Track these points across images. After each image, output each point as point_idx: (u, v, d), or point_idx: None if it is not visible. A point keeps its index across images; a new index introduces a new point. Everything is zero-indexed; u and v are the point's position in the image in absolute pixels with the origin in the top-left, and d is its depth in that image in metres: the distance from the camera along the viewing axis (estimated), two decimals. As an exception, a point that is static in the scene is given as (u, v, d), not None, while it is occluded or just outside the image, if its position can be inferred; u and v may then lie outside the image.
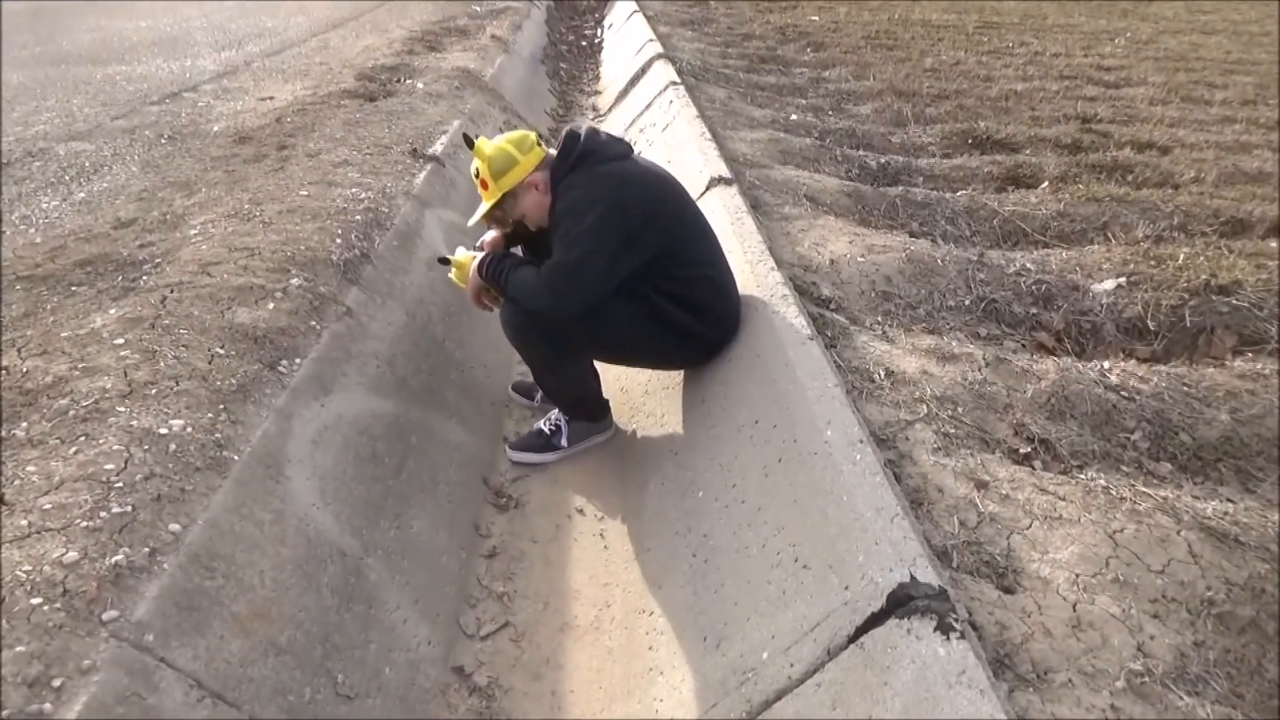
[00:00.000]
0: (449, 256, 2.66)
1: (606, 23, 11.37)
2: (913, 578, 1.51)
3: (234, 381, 2.13)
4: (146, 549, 1.60)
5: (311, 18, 10.25)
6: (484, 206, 2.50)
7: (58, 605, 1.44)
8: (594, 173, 2.35)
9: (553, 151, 2.48)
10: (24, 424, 1.91)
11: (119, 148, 4.49)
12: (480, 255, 2.57)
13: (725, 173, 3.77)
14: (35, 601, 1.43)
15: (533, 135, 2.50)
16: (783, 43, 8.96)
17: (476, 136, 2.54)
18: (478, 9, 10.29)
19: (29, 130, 4.87)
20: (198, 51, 7.72)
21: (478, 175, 2.45)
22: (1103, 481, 1.98)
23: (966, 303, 3.02)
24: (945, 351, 2.56)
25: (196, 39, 8.48)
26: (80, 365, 2.13)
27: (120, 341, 2.23)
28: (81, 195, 3.71)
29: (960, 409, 2.27)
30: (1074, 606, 1.61)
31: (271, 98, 5.63)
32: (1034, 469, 2.06)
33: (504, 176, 2.43)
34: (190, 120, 5.05)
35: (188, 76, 6.51)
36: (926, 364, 2.47)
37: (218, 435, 1.95)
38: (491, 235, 2.74)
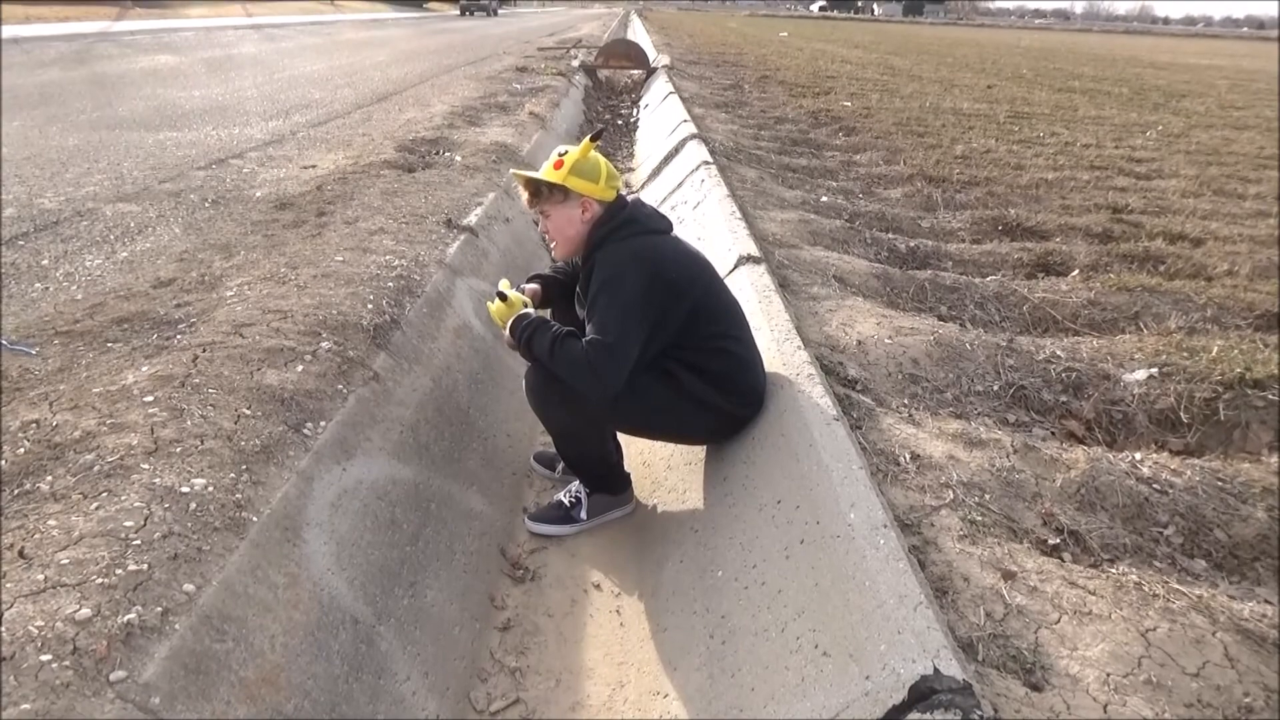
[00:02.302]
0: (506, 292, 2.62)
1: (642, 103, 11.69)
2: (936, 670, 1.47)
3: (258, 442, 2.14)
4: (159, 608, 1.60)
5: (358, 91, 10.65)
6: (540, 174, 2.51)
7: (66, 663, 1.43)
8: (631, 245, 2.40)
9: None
10: (49, 478, 1.93)
11: (164, 210, 4.64)
12: (518, 315, 2.56)
13: (754, 251, 3.81)
14: (45, 658, 1.43)
15: (620, 183, 2.57)
16: (815, 126, 9.16)
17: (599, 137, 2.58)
18: (518, 86, 10.65)
19: (79, 191, 5.05)
20: (247, 120, 8.03)
21: (562, 154, 2.49)
22: (1135, 577, 1.92)
23: (995, 388, 3.00)
24: (973, 437, 2.53)
25: (247, 108, 8.82)
26: (109, 421, 2.16)
27: (150, 399, 2.27)
28: (124, 254, 3.82)
29: (987, 496, 2.23)
30: (1105, 708, 1.55)
31: (314, 166, 5.82)
32: (1063, 561, 2.01)
33: (580, 176, 2.46)
34: (234, 185, 5.22)
35: (235, 144, 6.76)
36: (953, 449, 2.45)
37: (238, 495, 1.96)
38: (532, 286, 2.76)
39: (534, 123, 7.96)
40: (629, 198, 2.58)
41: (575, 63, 14.58)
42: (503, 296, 2.61)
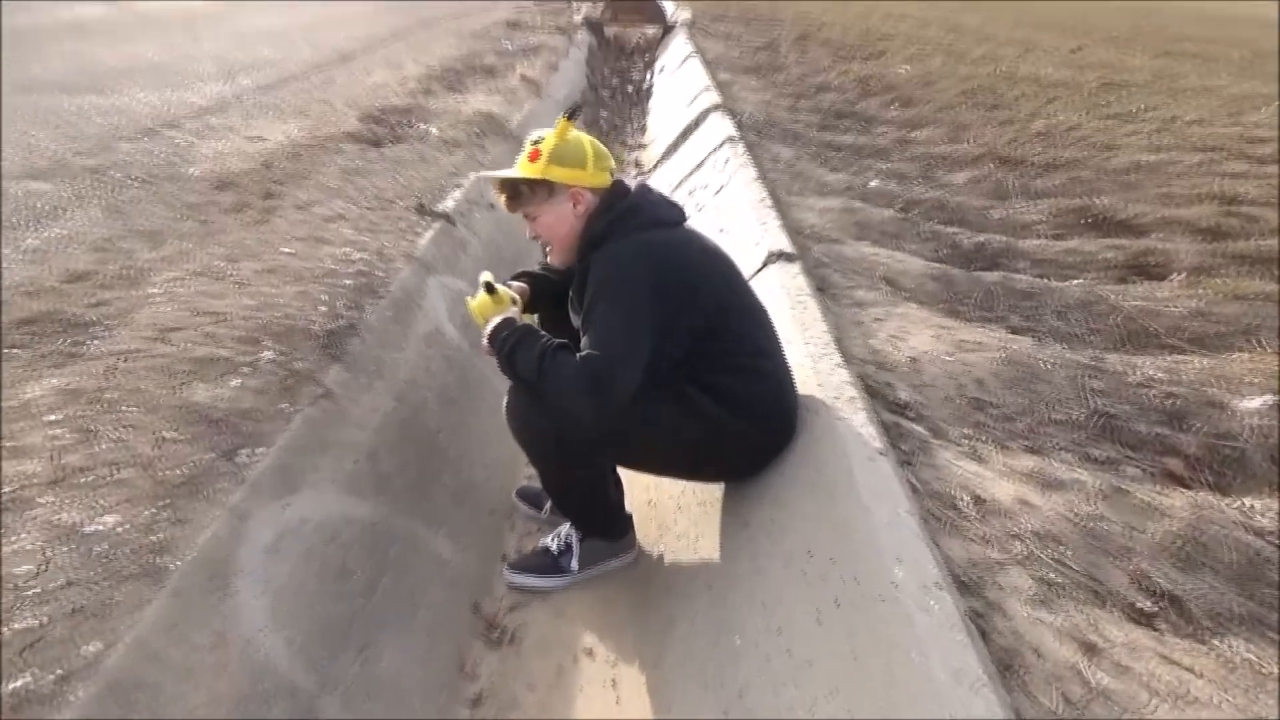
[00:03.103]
0: (495, 284, 2.62)
1: (658, 66, 11.75)
2: (998, 766, 1.44)
3: (182, 472, 2.14)
4: (56, 673, 1.59)
5: (318, 49, 10.71)
6: (513, 171, 2.51)
7: (-60, 739, 1.42)
8: (634, 242, 2.39)
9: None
10: (-70, 511, 1.93)
11: (81, 189, 4.66)
12: (498, 321, 2.54)
13: (787, 246, 3.81)
14: (-86, 732, 1.42)
15: (613, 163, 2.57)
16: (864, 96, 9.16)
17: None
18: (509, 45, 10.70)
19: (-18, 166, 5.09)
20: (184, 83, 8.07)
21: (536, 142, 2.49)
22: (1246, 653, 1.90)
23: (1077, 417, 2.98)
24: (1049, 476, 2.51)
25: (185, 69, 8.88)
26: (4, 444, 2.16)
27: (55, 418, 2.27)
28: (33, 242, 3.83)
29: (1066, 550, 2.21)
30: (1207, 816, 1.52)
31: (262, 138, 5.84)
32: (1158, 632, 1.99)
33: (562, 164, 2.46)
34: (166, 161, 5.25)
35: (169, 111, 6.79)
36: (1025, 491, 2.43)
37: (156, 537, 1.95)
38: (518, 285, 2.76)
39: (527, 89, 8.00)
40: (634, 182, 2.58)
41: (578, 17, 14.67)
42: (490, 289, 2.60)
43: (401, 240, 3.84)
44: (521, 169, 2.50)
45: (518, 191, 2.55)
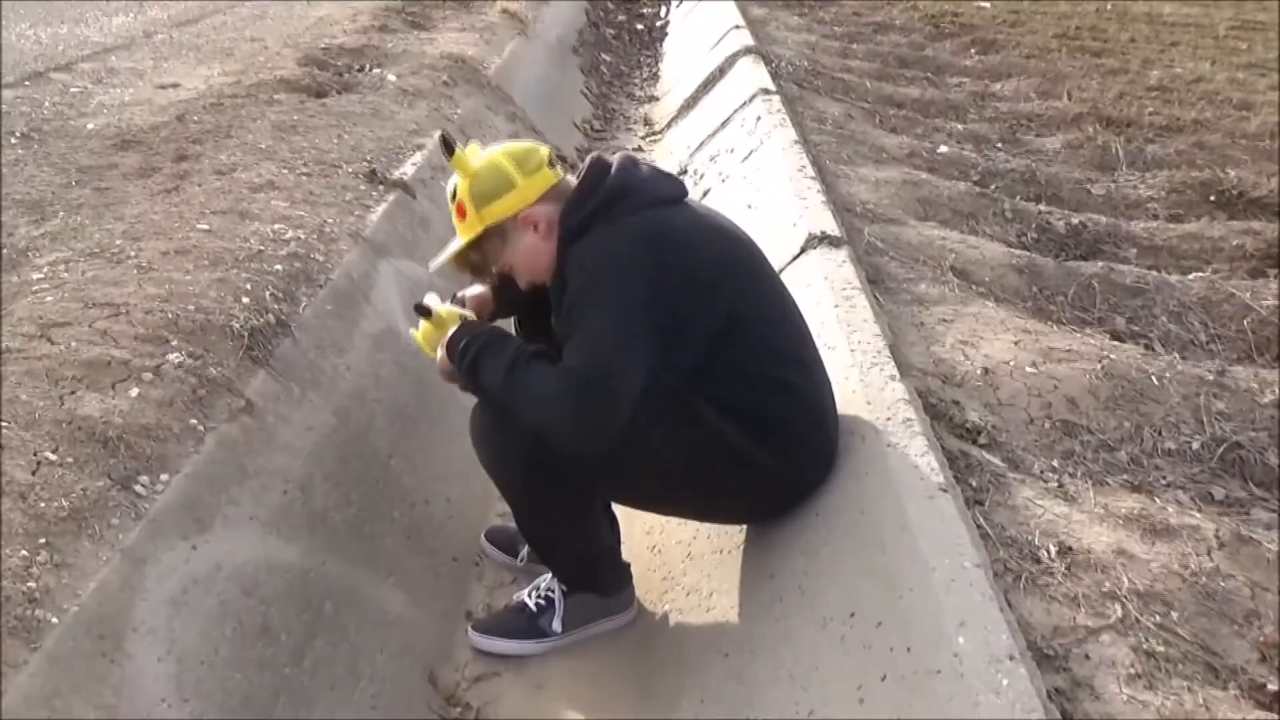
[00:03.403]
0: (430, 306, 2.66)
1: (674, -1, 11.77)
2: None
3: (65, 504, 2.15)
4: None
5: (248, -27, 10.77)
6: (455, 244, 2.54)
7: None
8: (623, 225, 2.37)
9: (571, 180, 2.53)
10: None
11: (-53, 147, 4.70)
12: (455, 328, 2.57)
13: (832, 228, 3.81)
14: None
15: (544, 150, 2.56)
16: (935, 39, 9.17)
17: (461, 142, 2.58)
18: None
19: None
20: (80, 15, 8.13)
21: (455, 197, 2.51)
22: (1399, 747, 1.89)
23: (1195, 446, 2.97)
24: (1157, 521, 2.50)
25: (81, -3, 8.95)
26: None
27: (-94, 433, 2.28)
28: (-118, 214, 3.87)
29: (1176, 615, 2.20)
30: None
31: (176, 85, 5.88)
32: (1290, 718, 1.98)
33: (492, 203, 2.46)
34: (56, 113, 5.29)
35: (61, 50, 6.85)
36: (1126, 539, 2.42)
37: (31, 585, 1.96)
38: (477, 289, 2.77)
39: (509, 25, 8.03)
40: (616, 156, 2.56)
41: (576, -65, 14.69)
42: (425, 312, 2.62)
43: (347, 215, 3.86)
44: (460, 237, 2.53)
45: (476, 260, 2.57)
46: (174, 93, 5.69)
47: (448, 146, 2.50)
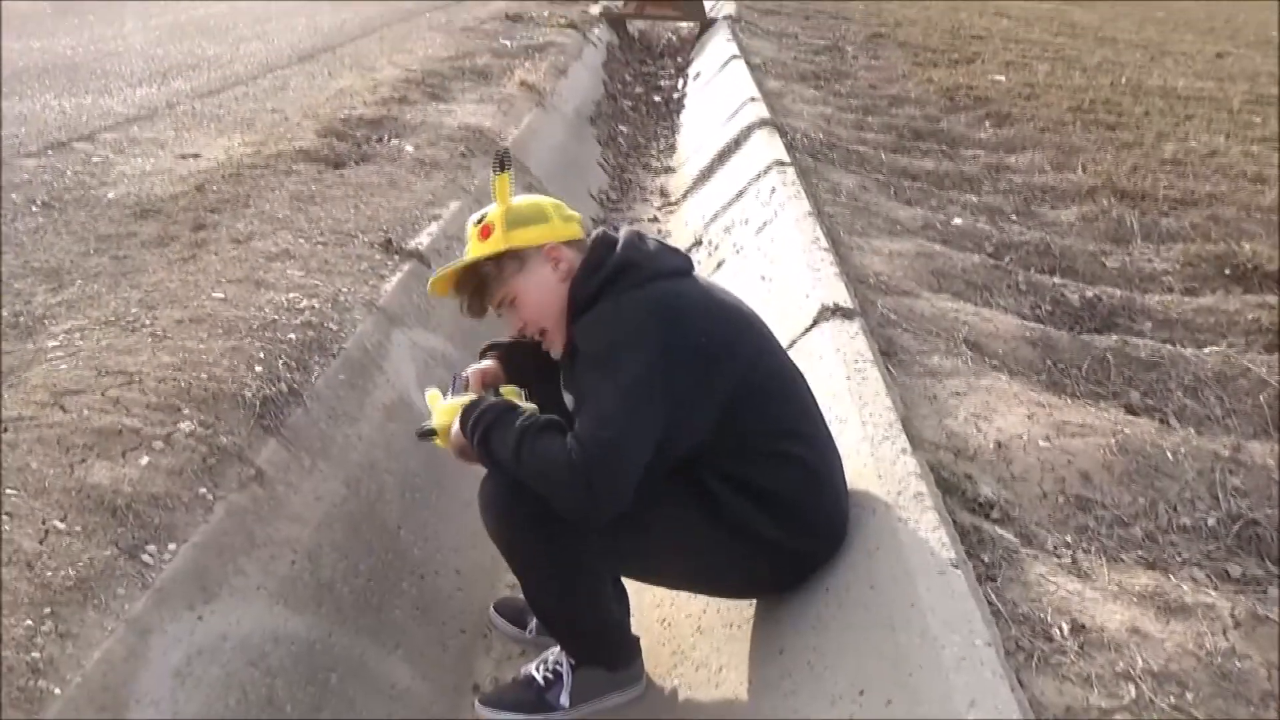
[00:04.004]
0: (433, 428, 2.63)
1: (692, 71, 11.91)
2: None
3: (72, 573, 2.16)
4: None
5: (272, 45, 10.95)
6: (465, 258, 2.54)
7: None
8: (632, 297, 2.40)
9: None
10: None
11: (-30, 216, 4.77)
12: (467, 401, 2.57)
13: (845, 299, 3.83)
14: None
15: (578, 214, 2.61)
16: (949, 111, 9.24)
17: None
18: (507, 43, 10.88)
19: None
20: (105, 85, 8.27)
21: (480, 221, 2.52)
22: None
23: (1210, 523, 2.95)
24: (1172, 599, 2.49)
25: (106, 68, 9.10)
26: None
27: (-84, 501, 2.30)
28: (-96, 281, 3.92)
29: (1191, 696, 2.18)
30: None
31: (196, 155, 5.96)
32: (1308, 804, 1.96)
33: (523, 228, 2.50)
34: (77, 181, 5.36)
35: (84, 120, 6.95)
36: (1140, 618, 2.41)
37: (36, 655, 1.96)
38: (478, 366, 2.78)
39: (527, 97, 8.12)
40: (621, 231, 2.59)
41: (595, 9, 14.91)
42: (430, 434, 2.61)
43: (362, 285, 3.90)
44: (473, 253, 2.54)
45: (482, 277, 2.57)
46: (194, 162, 5.77)
47: (501, 163, 2.54)
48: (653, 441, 2.29)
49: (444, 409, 2.60)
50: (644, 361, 2.29)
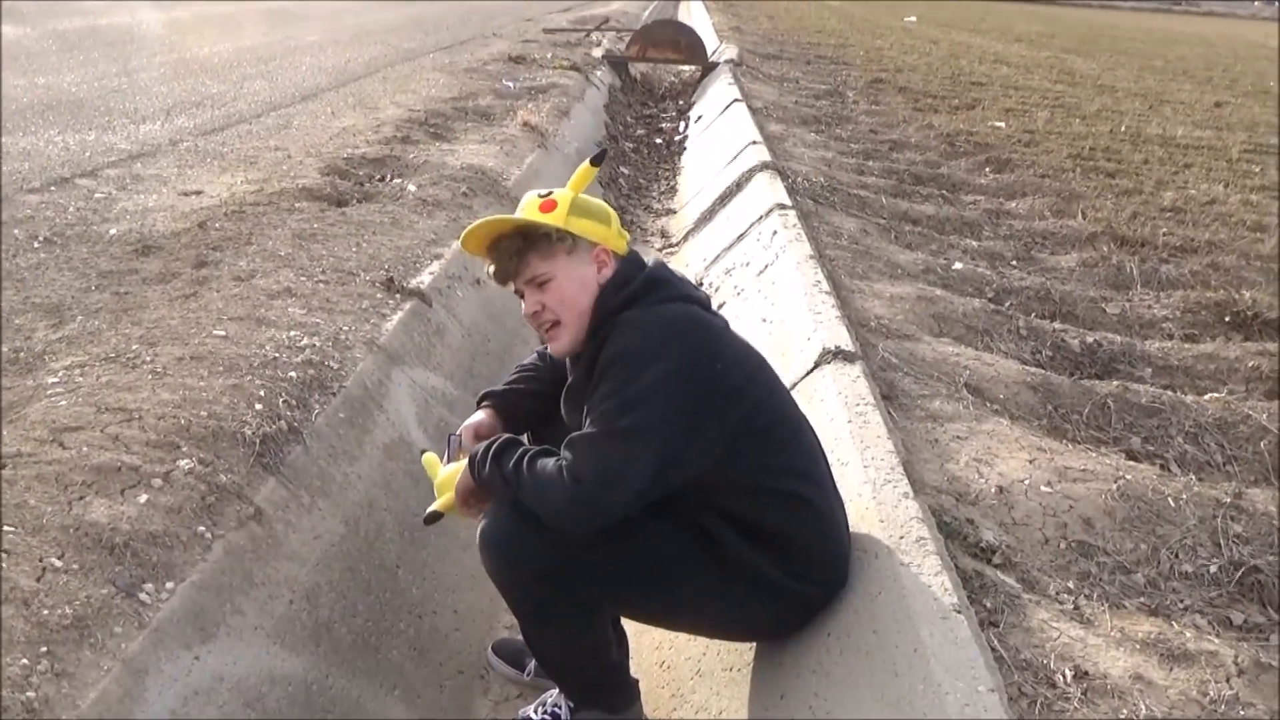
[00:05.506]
0: (439, 510, 2.60)
1: (694, 114, 11.99)
2: None
3: (69, 611, 2.14)
4: None
5: (275, 84, 11.02)
6: (518, 215, 2.49)
7: None
8: (660, 312, 2.42)
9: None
10: None
11: (-28, 251, 4.78)
12: (475, 449, 2.55)
13: (846, 342, 3.84)
14: None
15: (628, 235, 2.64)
16: (950, 157, 9.30)
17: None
18: (510, 85, 10.96)
19: None
20: (108, 122, 8.32)
21: (546, 195, 2.49)
22: None
23: (1212, 570, 2.95)
24: (1174, 646, 2.48)
25: (110, 105, 9.16)
26: None
27: (-88, 537, 2.29)
28: (-94, 315, 3.92)
29: (1195, 744, 2.17)
30: None
31: (199, 192, 5.99)
32: None
33: (586, 220, 2.49)
34: (79, 218, 5.37)
35: (88, 156, 6.99)
36: (1142, 664, 2.40)
37: (30, 694, 1.95)
38: (471, 422, 2.76)
39: (529, 138, 8.17)
40: (650, 257, 2.62)
41: (598, 51, 15.03)
42: (436, 517, 2.61)
43: (363, 323, 3.90)
44: (528, 215, 2.48)
45: (530, 243, 2.48)
46: (197, 200, 5.79)
47: (598, 158, 2.58)
48: (659, 458, 2.27)
49: (442, 481, 2.60)
50: (663, 372, 2.29)
